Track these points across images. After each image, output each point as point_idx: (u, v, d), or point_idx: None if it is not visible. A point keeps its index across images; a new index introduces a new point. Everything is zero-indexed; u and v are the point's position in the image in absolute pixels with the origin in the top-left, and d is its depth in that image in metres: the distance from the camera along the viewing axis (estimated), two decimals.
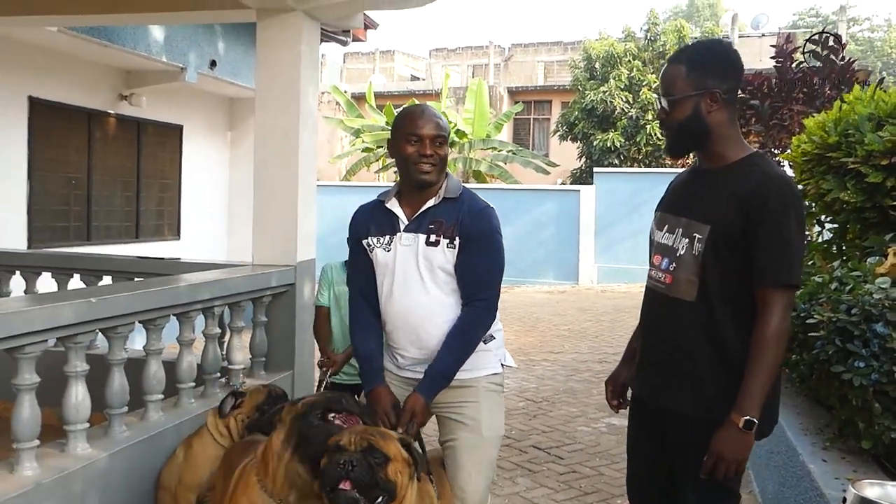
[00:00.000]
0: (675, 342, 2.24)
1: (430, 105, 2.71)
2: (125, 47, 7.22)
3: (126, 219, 8.97)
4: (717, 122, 2.19)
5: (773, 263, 2.06)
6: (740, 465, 2.08)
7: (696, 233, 2.17)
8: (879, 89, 4.24)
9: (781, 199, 2.07)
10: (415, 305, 2.55)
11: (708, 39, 2.45)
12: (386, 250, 2.60)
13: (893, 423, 2.83)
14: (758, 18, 29.84)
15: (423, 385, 2.50)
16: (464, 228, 2.52)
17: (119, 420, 3.40)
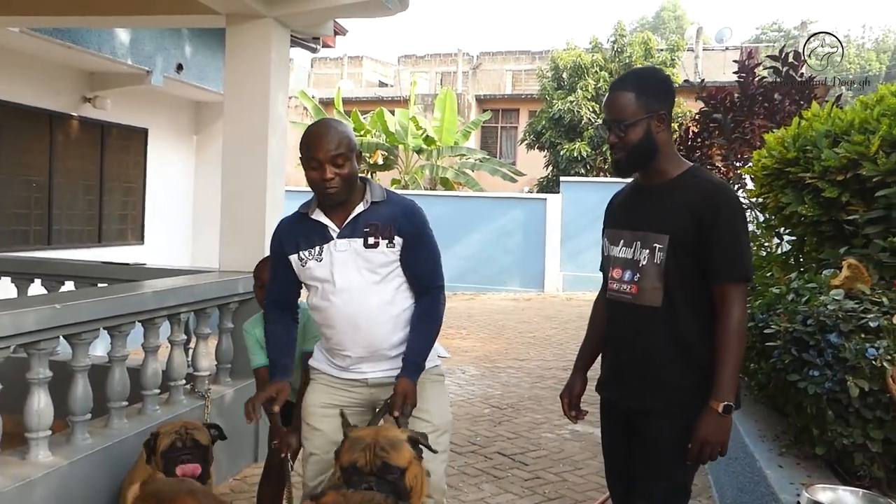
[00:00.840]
0: (645, 347, 2.39)
1: (331, 119, 2.73)
2: (90, 49, 7.14)
3: (88, 223, 8.84)
4: (663, 141, 2.39)
5: (729, 262, 2.26)
6: (723, 446, 2.24)
7: (656, 243, 2.34)
8: (836, 107, 4.36)
9: (729, 204, 2.30)
10: (361, 308, 2.62)
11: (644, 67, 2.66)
12: (318, 261, 2.64)
13: (845, 430, 2.92)
14: (722, 32, 30.39)
15: (406, 370, 2.62)
16: (402, 228, 2.64)
17: (82, 427, 3.37)
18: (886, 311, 2.98)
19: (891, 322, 2.93)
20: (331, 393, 2.76)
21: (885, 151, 3.38)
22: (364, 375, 2.72)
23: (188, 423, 3.19)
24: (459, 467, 4.72)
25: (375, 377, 2.71)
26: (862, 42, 53.92)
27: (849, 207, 3.55)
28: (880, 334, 2.91)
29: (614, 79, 2.22)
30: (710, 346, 2.29)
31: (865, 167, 3.40)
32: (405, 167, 19.83)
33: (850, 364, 2.89)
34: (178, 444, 3.08)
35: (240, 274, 4.59)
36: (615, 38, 19.73)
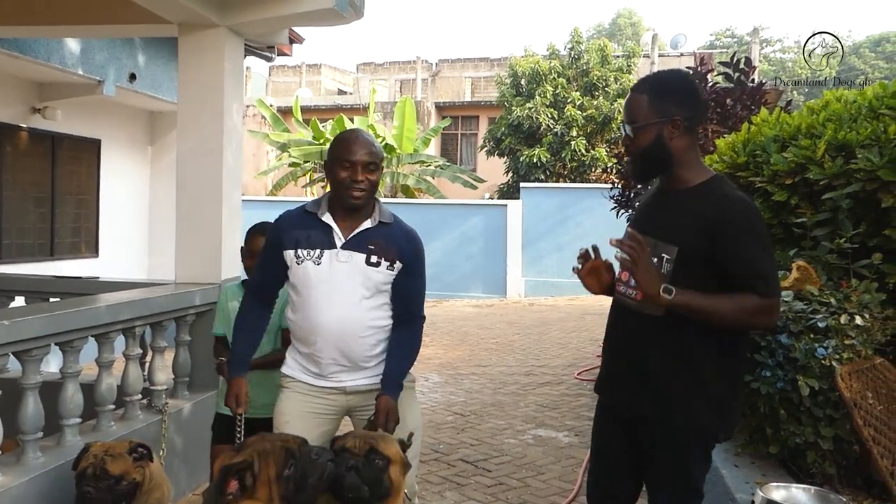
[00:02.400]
0: (644, 356, 2.35)
1: (365, 131, 2.79)
2: (38, 59, 6.98)
3: (40, 236, 8.63)
4: (679, 148, 2.29)
5: (750, 280, 2.16)
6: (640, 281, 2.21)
7: (665, 253, 2.26)
8: (784, 112, 4.47)
9: (748, 220, 2.19)
10: (348, 320, 2.65)
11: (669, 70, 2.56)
12: (316, 264, 2.65)
13: (798, 429, 2.99)
14: (676, 38, 30.88)
15: (387, 388, 2.66)
16: (403, 253, 2.71)
17: (33, 446, 3.30)
18: (834, 311, 3.06)
19: (838, 322, 3.01)
20: (305, 400, 2.77)
21: (830, 155, 3.47)
22: (342, 384, 2.74)
23: (109, 448, 3.02)
24: (422, 475, 4.71)
25: (354, 385, 2.74)
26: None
27: (797, 210, 3.64)
28: (829, 334, 2.99)
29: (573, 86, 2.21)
30: (715, 363, 2.26)
31: (812, 171, 3.49)
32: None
33: (801, 364, 2.96)
34: (88, 472, 2.93)
35: (196, 286, 4.53)
36: (572, 45, 19.93)
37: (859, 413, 2.91)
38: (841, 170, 3.36)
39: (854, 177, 3.31)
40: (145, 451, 3.10)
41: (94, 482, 2.91)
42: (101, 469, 2.93)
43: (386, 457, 2.38)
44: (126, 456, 3.01)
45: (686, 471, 2.33)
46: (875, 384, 3.06)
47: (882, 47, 48.88)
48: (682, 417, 2.28)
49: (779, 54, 54.30)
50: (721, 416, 2.29)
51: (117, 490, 2.95)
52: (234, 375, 2.82)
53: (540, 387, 7.23)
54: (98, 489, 2.91)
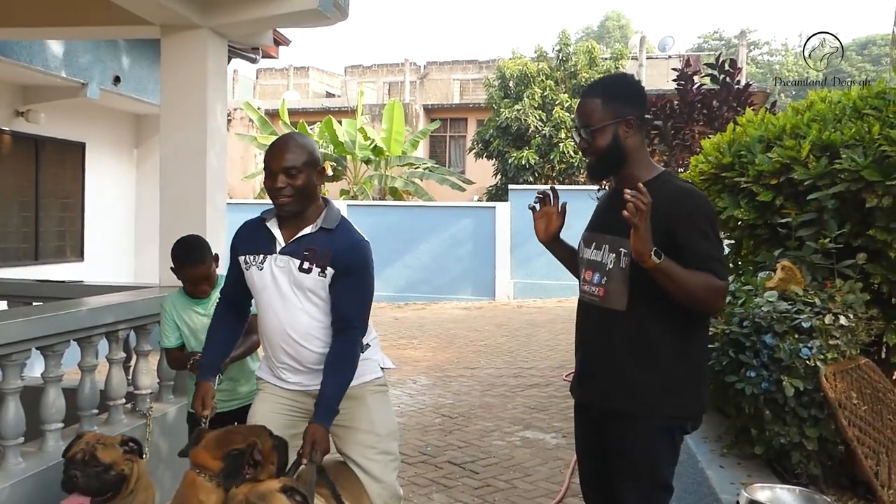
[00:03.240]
0: (610, 350, 2.40)
1: (298, 134, 2.76)
2: (20, 62, 6.92)
3: (24, 240, 8.56)
4: (632, 147, 2.41)
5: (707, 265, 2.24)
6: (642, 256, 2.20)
7: (622, 248, 2.34)
8: (770, 112, 4.48)
9: (701, 212, 2.29)
10: (291, 324, 2.68)
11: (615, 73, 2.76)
12: (259, 269, 2.71)
13: (783, 429, 2.98)
14: (664, 41, 31.01)
15: (318, 414, 2.58)
16: (337, 261, 2.64)
17: (15, 451, 3.26)
18: (819, 311, 3.06)
19: (823, 322, 3.01)
20: (275, 402, 2.81)
21: (815, 156, 3.47)
22: (305, 388, 2.77)
23: (101, 437, 3.03)
24: (409, 477, 4.69)
25: (315, 388, 2.69)
26: (799, 50, 55.60)
27: (782, 211, 3.63)
28: (813, 334, 2.99)
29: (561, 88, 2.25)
30: (677, 351, 2.33)
31: (797, 171, 3.49)
32: (354, 178, 19.75)
33: (785, 364, 2.95)
34: (78, 457, 2.90)
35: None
36: (560, 47, 19.97)
37: (844, 413, 2.91)
38: (825, 170, 3.36)
39: (839, 177, 3.31)
40: (136, 445, 3.10)
41: (83, 467, 2.88)
42: (91, 455, 2.91)
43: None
44: (117, 447, 3.00)
45: (653, 463, 2.36)
46: (860, 384, 3.06)
47: (868, 50, 49.28)
48: (646, 408, 2.33)
49: (766, 57, 54.68)
50: (684, 404, 2.35)
51: (104, 478, 2.91)
52: (201, 380, 2.85)
53: (528, 389, 7.22)
54: (86, 475, 2.87)
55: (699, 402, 2.42)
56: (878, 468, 2.92)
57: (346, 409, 2.71)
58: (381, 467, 2.81)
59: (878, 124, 3.30)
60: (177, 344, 3.49)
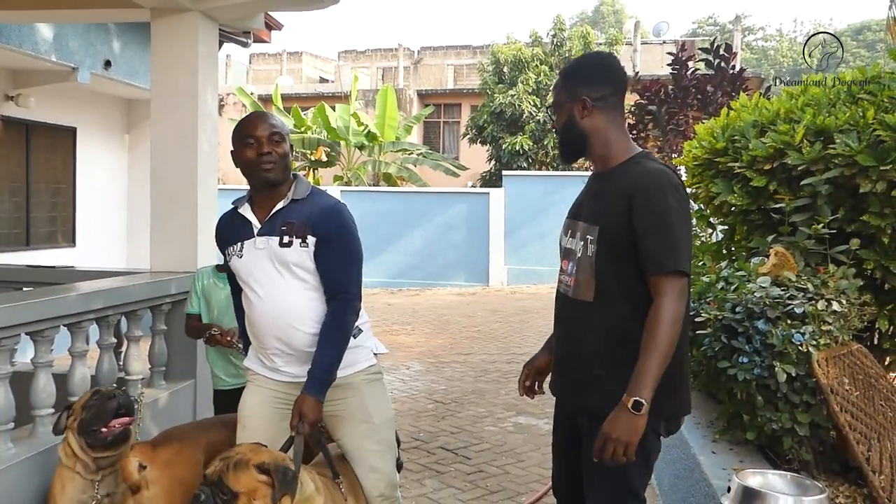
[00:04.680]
0: (580, 342, 2.29)
1: (265, 111, 2.78)
2: (9, 45, 6.84)
3: (15, 226, 8.50)
4: (593, 128, 2.31)
5: (658, 252, 2.11)
6: (629, 447, 2.05)
7: (589, 234, 2.25)
8: (764, 97, 4.46)
9: (659, 190, 2.14)
10: (279, 307, 2.61)
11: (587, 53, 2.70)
12: (239, 257, 2.67)
13: (774, 415, 2.98)
14: (659, 26, 30.92)
15: (309, 384, 2.52)
16: (315, 227, 2.60)
17: (4, 437, 3.24)
18: (811, 297, 3.06)
19: (816, 308, 3.01)
20: (265, 394, 2.74)
21: (809, 141, 3.46)
22: (297, 379, 2.64)
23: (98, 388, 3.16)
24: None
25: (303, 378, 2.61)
26: (794, 36, 55.62)
27: (776, 196, 3.63)
28: (806, 320, 2.99)
29: (556, 73, 2.23)
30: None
31: (791, 156, 3.47)
32: (347, 163, 19.68)
33: (778, 350, 2.95)
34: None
35: (172, 274, 4.47)
36: (555, 32, 19.88)
37: (836, 399, 2.91)
38: (819, 155, 3.35)
39: (832, 162, 3.31)
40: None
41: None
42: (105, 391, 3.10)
43: (230, 489, 2.29)
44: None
45: (623, 466, 2.14)
46: (852, 370, 3.06)
47: (863, 36, 49.22)
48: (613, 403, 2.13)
49: (761, 42, 54.59)
50: (658, 403, 2.10)
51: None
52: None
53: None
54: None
55: (676, 402, 2.27)
56: (870, 454, 2.93)
57: (341, 399, 2.67)
58: (378, 457, 2.75)
59: (873, 109, 3.29)
60: (197, 312, 3.68)
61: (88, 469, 3.00)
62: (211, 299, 3.66)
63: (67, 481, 3.00)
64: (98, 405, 3.00)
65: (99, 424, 2.98)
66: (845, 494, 2.99)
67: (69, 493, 2.98)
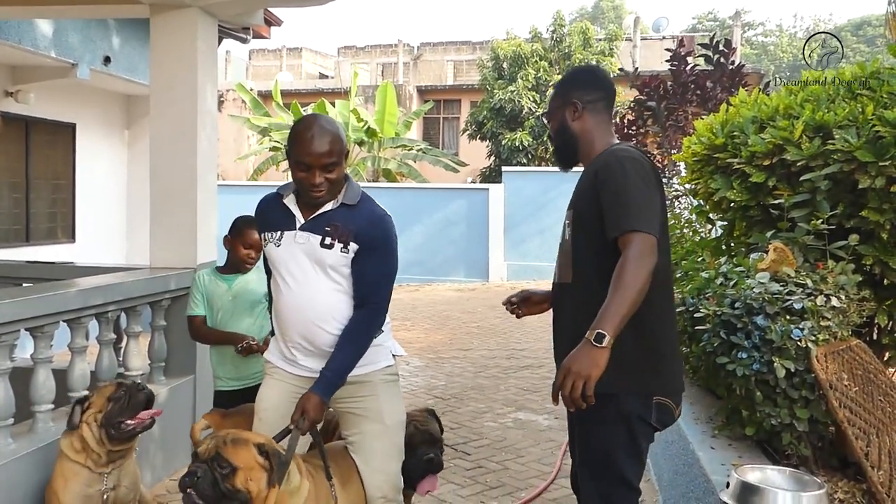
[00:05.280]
0: (566, 324, 2.41)
1: (324, 118, 2.63)
2: (9, 41, 6.82)
3: (15, 221, 8.50)
4: (582, 130, 2.47)
5: (615, 216, 2.18)
6: (588, 382, 2.01)
7: (567, 220, 2.42)
8: (763, 93, 4.45)
9: (618, 162, 2.25)
10: (309, 302, 2.61)
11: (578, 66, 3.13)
12: (277, 245, 2.65)
13: (773, 410, 2.99)
14: (658, 21, 30.89)
15: (317, 384, 2.55)
16: (360, 236, 2.58)
17: (4, 432, 3.25)
18: (810, 292, 3.06)
19: (815, 303, 3.01)
20: (282, 388, 2.74)
21: (808, 136, 3.46)
22: (312, 374, 2.65)
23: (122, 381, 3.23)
24: None
25: None
26: (794, 31, 55.56)
27: (775, 192, 3.62)
28: (804, 315, 2.99)
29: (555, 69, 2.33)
30: (631, 335, 2.14)
31: (790, 152, 3.47)
32: (347, 159, 19.61)
33: (777, 345, 2.95)
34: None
35: (171, 270, 4.47)
36: (554, 28, 19.86)
37: (835, 395, 2.92)
38: (818, 151, 3.35)
39: (832, 158, 3.30)
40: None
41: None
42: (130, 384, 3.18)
43: (230, 463, 2.31)
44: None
45: (610, 452, 2.21)
46: (851, 366, 3.07)
47: (863, 31, 49.13)
48: (606, 398, 2.14)
49: (761, 38, 54.51)
50: (641, 381, 2.16)
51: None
52: None
53: (521, 370, 7.24)
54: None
55: (658, 381, 2.25)
56: (869, 449, 2.93)
57: (357, 398, 2.68)
58: (386, 458, 2.74)
59: (872, 104, 3.29)
60: (201, 314, 3.64)
61: (99, 462, 3.03)
62: (214, 300, 3.64)
63: (71, 476, 3.01)
64: (127, 397, 3.05)
65: (127, 416, 3.02)
66: (844, 490, 3.00)
67: (74, 487, 3.00)
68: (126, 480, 3.17)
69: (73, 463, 3.01)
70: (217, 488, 2.29)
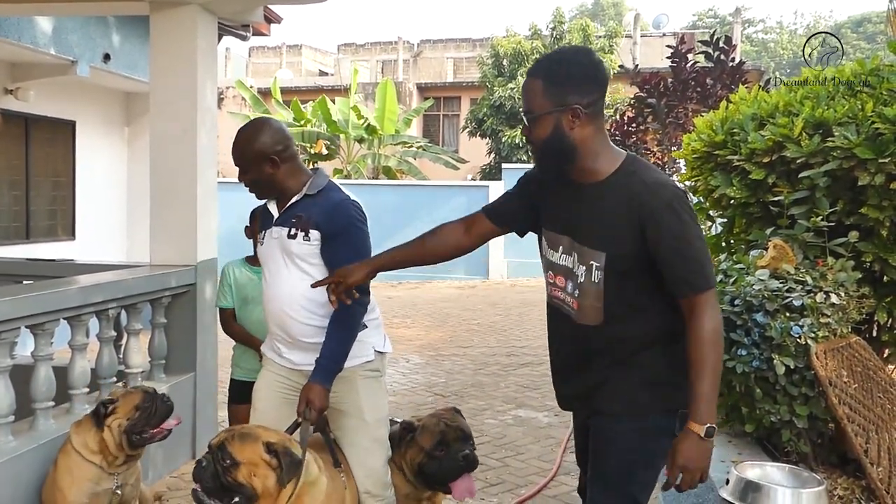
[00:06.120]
0: (586, 359, 2.20)
1: (246, 126, 2.81)
2: (8, 39, 6.82)
3: (15, 219, 8.50)
4: (582, 138, 2.05)
5: (686, 275, 2.00)
6: (704, 474, 2.01)
7: (593, 261, 2.08)
8: (763, 90, 4.45)
9: (669, 209, 1.99)
10: (279, 292, 2.73)
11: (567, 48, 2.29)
12: (261, 244, 2.82)
13: (773, 407, 2.99)
14: (659, 18, 30.85)
15: (315, 373, 2.61)
16: (321, 224, 2.66)
17: (4, 430, 3.25)
18: (810, 289, 3.07)
19: (814, 300, 3.02)
20: (274, 380, 2.85)
21: (808, 133, 3.46)
22: (296, 366, 2.76)
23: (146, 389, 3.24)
24: None
25: (308, 367, 2.67)
26: (794, 28, 55.54)
27: (775, 189, 3.63)
28: (804, 312, 3.00)
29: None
30: (658, 351, 2.12)
31: (790, 149, 3.48)
32: (347, 157, 19.66)
33: (776, 342, 2.96)
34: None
35: (172, 268, 4.47)
36: (554, 25, 19.87)
37: (834, 391, 2.93)
38: (818, 148, 3.35)
39: (831, 154, 3.31)
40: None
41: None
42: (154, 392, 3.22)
43: (232, 457, 2.34)
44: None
45: (634, 478, 2.15)
46: (850, 362, 3.07)
47: (864, 28, 49.11)
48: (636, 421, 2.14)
49: (761, 35, 54.48)
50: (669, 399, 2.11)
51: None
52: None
53: (521, 367, 7.24)
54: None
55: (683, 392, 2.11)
56: (868, 446, 2.94)
57: (336, 392, 2.69)
58: (367, 454, 2.77)
59: (872, 101, 3.29)
60: (229, 306, 3.70)
61: (114, 464, 3.06)
62: (245, 291, 3.66)
63: (81, 474, 3.02)
64: (153, 407, 3.11)
65: (150, 425, 3.08)
66: (843, 486, 3.01)
67: (83, 485, 3.01)
68: (132, 479, 3.20)
69: (87, 462, 3.03)
70: (218, 480, 2.33)
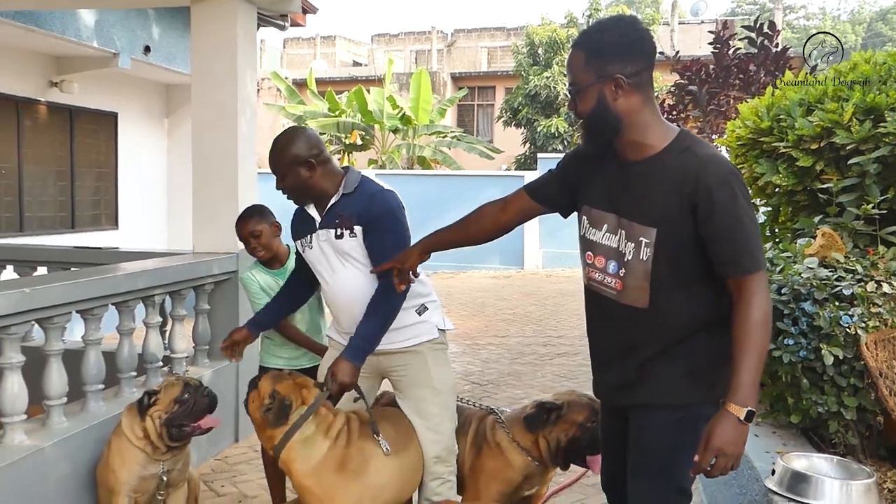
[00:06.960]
0: (631, 348, 2.13)
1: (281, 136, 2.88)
2: (53, 32, 6.95)
3: (60, 209, 8.69)
4: (628, 110, 2.00)
5: (736, 256, 1.93)
6: (738, 459, 1.92)
7: (643, 237, 2.02)
8: (810, 76, 4.37)
9: (725, 185, 1.93)
10: (340, 290, 2.86)
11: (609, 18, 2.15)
12: (310, 248, 2.90)
13: (820, 398, 2.95)
14: (697, 5, 30.38)
15: (347, 350, 2.74)
16: (361, 217, 2.76)
17: (58, 411, 3.34)
18: (860, 278, 3.01)
19: (864, 290, 2.96)
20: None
21: (858, 119, 3.39)
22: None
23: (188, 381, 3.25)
24: None
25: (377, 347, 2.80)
26: (838, 14, 54.31)
27: (823, 176, 3.57)
28: (854, 302, 2.94)
29: None
30: (705, 337, 2.06)
31: (839, 135, 3.41)
32: (382, 147, 19.72)
33: (825, 332, 2.91)
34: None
35: (214, 255, 4.54)
36: (590, 13, 19.68)
37: (885, 383, 2.87)
38: (869, 133, 3.28)
39: (882, 140, 3.24)
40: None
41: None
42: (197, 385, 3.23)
43: (255, 385, 2.75)
44: None
45: (671, 459, 2.08)
46: None
47: None
48: (677, 410, 2.08)
49: (802, 21, 53.36)
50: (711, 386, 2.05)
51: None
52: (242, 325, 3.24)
53: (557, 357, 7.22)
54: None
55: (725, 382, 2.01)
56: None
57: (405, 365, 2.85)
58: (438, 419, 2.87)
59: None
60: None
61: (159, 452, 3.10)
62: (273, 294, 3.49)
63: (130, 456, 3.08)
64: (192, 402, 3.10)
65: (190, 420, 3.09)
66: (893, 480, 2.95)
67: (132, 468, 3.07)
68: (180, 464, 3.24)
69: (134, 447, 3.08)
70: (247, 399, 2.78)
